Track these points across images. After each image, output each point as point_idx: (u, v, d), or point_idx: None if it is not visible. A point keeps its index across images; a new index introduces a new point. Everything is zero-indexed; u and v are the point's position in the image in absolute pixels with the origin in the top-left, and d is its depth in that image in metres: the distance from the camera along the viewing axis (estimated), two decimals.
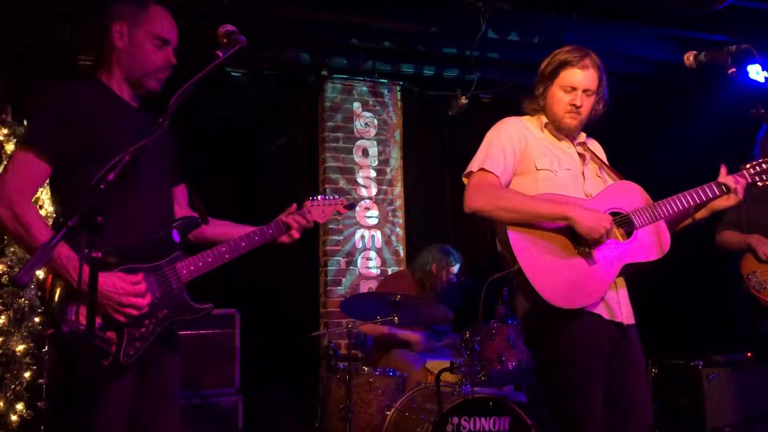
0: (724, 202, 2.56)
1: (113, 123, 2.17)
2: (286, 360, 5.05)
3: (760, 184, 2.57)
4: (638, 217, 2.49)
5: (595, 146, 2.76)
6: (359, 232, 5.63)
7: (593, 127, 2.72)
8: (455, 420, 3.50)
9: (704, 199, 2.55)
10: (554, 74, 2.55)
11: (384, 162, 5.82)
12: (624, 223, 2.49)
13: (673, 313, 5.48)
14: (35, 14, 4.54)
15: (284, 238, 2.50)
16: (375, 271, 5.63)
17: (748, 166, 2.58)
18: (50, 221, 2.19)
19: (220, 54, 2.07)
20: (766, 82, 2.49)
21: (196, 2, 4.42)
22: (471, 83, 5.51)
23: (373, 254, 5.66)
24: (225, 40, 2.12)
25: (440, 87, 5.90)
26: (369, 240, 5.67)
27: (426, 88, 5.96)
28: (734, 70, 2.41)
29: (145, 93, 2.30)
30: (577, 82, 2.53)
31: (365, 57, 5.53)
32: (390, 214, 5.78)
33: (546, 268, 2.37)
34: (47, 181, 2.16)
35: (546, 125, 2.63)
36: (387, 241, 5.72)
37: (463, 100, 5.61)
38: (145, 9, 2.23)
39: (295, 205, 2.56)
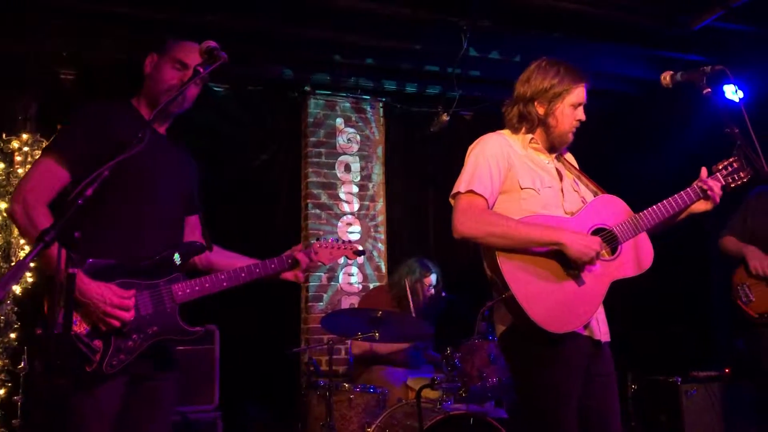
0: (702, 206, 2.59)
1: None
2: (266, 376, 5.03)
3: (732, 185, 2.60)
4: (622, 232, 2.51)
5: (570, 157, 2.78)
6: None
7: (573, 144, 2.75)
8: None
9: (687, 203, 2.57)
10: (564, 93, 2.53)
11: (366, 177, 5.83)
12: (609, 239, 2.51)
13: (652, 329, 5.52)
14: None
15: (289, 276, 2.56)
16: (357, 287, 5.62)
17: (720, 166, 2.61)
18: None
19: (201, 70, 2.09)
20: (741, 102, 2.54)
21: (179, 17, 4.43)
22: (453, 100, 5.55)
23: (354, 270, 5.66)
24: (206, 56, 2.16)
25: (422, 104, 5.95)
26: None
27: (408, 105, 6.00)
28: (709, 90, 2.45)
29: (169, 115, 2.44)
30: (583, 99, 2.56)
31: (348, 73, 5.56)
32: (372, 230, 5.78)
33: (538, 294, 2.37)
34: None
35: (531, 141, 2.61)
36: (369, 257, 5.72)
37: (445, 117, 5.65)
38: (176, 42, 2.44)
39: (301, 246, 2.60)
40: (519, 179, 2.51)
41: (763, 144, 2.48)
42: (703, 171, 2.60)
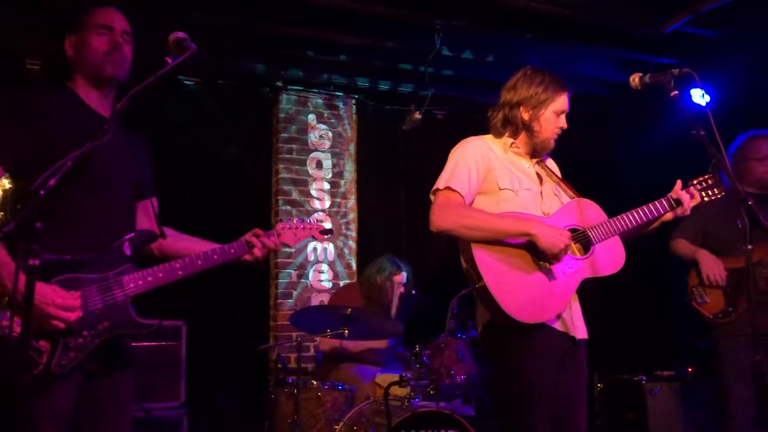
0: (673, 215, 2.70)
1: (71, 128, 2.15)
2: (233, 373, 4.98)
3: (706, 199, 2.71)
4: (595, 233, 2.60)
5: (552, 164, 2.87)
6: (311, 245, 5.60)
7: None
8: None
9: (659, 213, 2.68)
10: (549, 100, 2.62)
11: (338, 174, 5.81)
12: (582, 239, 2.60)
13: (618, 329, 5.59)
14: None
15: (247, 257, 2.42)
16: (327, 284, 5.60)
17: (695, 182, 2.73)
18: None
19: (170, 61, 2.06)
20: (708, 106, 2.59)
21: (148, 10, 4.36)
22: (426, 99, 5.56)
23: (325, 267, 5.64)
24: (175, 48, 2.11)
25: (395, 102, 5.95)
26: (321, 253, 5.64)
27: (381, 103, 5.99)
28: (677, 92, 2.48)
29: (110, 83, 2.30)
30: (566, 107, 2.67)
31: (321, 69, 5.53)
32: (343, 227, 5.77)
33: (509, 285, 2.45)
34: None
35: (512, 145, 2.69)
36: (340, 254, 5.71)
37: (418, 116, 5.66)
38: (88, 13, 2.31)
39: (260, 231, 2.46)
40: (498, 180, 2.60)
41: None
42: (678, 184, 2.70)
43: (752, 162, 3.63)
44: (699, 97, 2.74)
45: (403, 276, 4.73)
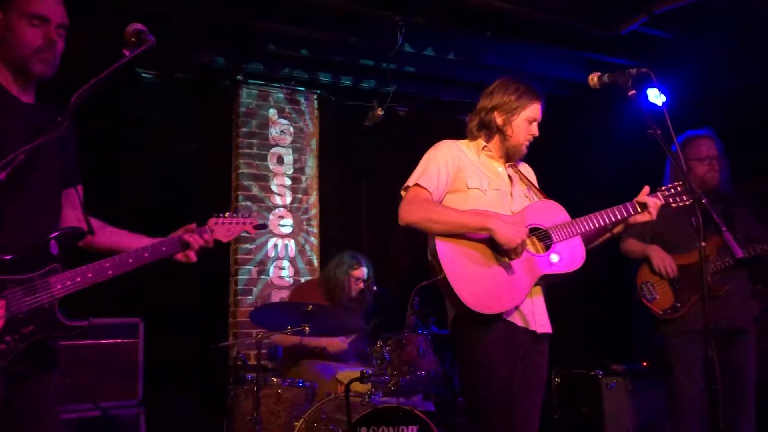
0: (639, 218, 2.78)
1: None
2: (192, 371, 4.91)
3: (674, 205, 2.80)
4: (556, 232, 2.69)
5: (527, 169, 2.98)
6: (272, 241, 5.55)
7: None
8: (363, 430, 3.49)
9: (623, 216, 2.76)
10: (522, 107, 2.75)
11: (299, 170, 5.77)
12: (544, 237, 2.70)
13: (576, 324, 5.68)
14: None
15: (180, 257, 2.31)
16: (288, 281, 5.56)
17: (663, 188, 2.82)
18: None
19: (127, 53, 2.01)
20: (664, 106, 2.65)
21: (105, 1, 4.26)
22: (388, 95, 5.56)
23: (286, 263, 5.60)
24: (133, 39, 2.06)
25: (357, 97, 5.93)
26: (282, 249, 5.60)
27: (343, 98, 5.96)
28: (634, 92, 2.54)
29: (36, 79, 2.16)
30: (538, 115, 2.79)
31: (282, 64, 5.49)
32: (304, 223, 5.74)
33: (468, 276, 2.56)
34: None
35: (484, 148, 2.81)
36: (301, 251, 5.67)
37: (380, 112, 5.66)
38: None
39: (194, 225, 2.38)
40: (467, 180, 2.72)
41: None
42: (645, 189, 2.79)
43: (692, 162, 3.71)
44: (655, 96, 2.80)
45: (362, 271, 4.72)
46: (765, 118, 5.08)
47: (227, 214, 2.48)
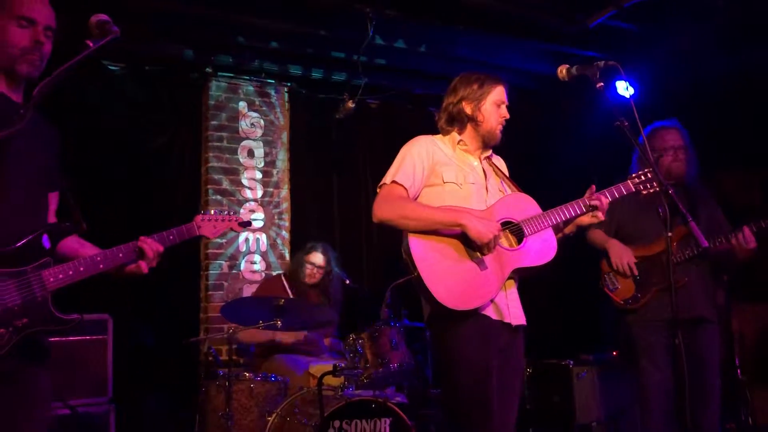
0: (587, 219, 2.81)
1: None
2: (163, 367, 4.87)
3: (644, 192, 2.80)
4: (528, 225, 2.71)
5: (499, 162, 2.99)
6: (243, 235, 5.51)
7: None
8: (336, 423, 3.50)
9: (571, 215, 2.77)
10: (486, 92, 2.78)
11: (270, 164, 5.73)
12: (516, 231, 2.71)
13: (548, 315, 5.74)
14: None
15: (131, 267, 2.26)
16: (259, 275, 5.52)
17: (633, 176, 2.83)
18: None
19: (91, 44, 1.97)
20: (631, 97, 2.68)
21: None
22: (359, 88, 5.54)
23: (257, 258, 5.56)
24: (97, 30, 2.03)
25: (328, 90, 5.89)
26: (254, 243, 5.56)
27: (314, 91, 5.92)
28: (602, 84, 2.56)
29: (23, 80, 2.15)
30: (504, 98, 2.81)
31: (252, 56, 5.43)
32: (276, 217, 5.70)
33: (441, 273, 2.56)
34: None
35: (459, 142, 2.81)
36: (272, 244, 5.64)
37: (351, 104, 5.64)
38: None
39: (146, 237, 2.29)
40: (443, 174, 2.73)
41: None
42: (592, 188, 2.79)
43: (658, 152, 3.75)
44: (623, 89, 2.84)
45: (317, 256, 4.72)
46: (730, 110, 5.17)
47: (213, 211, 2.52)
